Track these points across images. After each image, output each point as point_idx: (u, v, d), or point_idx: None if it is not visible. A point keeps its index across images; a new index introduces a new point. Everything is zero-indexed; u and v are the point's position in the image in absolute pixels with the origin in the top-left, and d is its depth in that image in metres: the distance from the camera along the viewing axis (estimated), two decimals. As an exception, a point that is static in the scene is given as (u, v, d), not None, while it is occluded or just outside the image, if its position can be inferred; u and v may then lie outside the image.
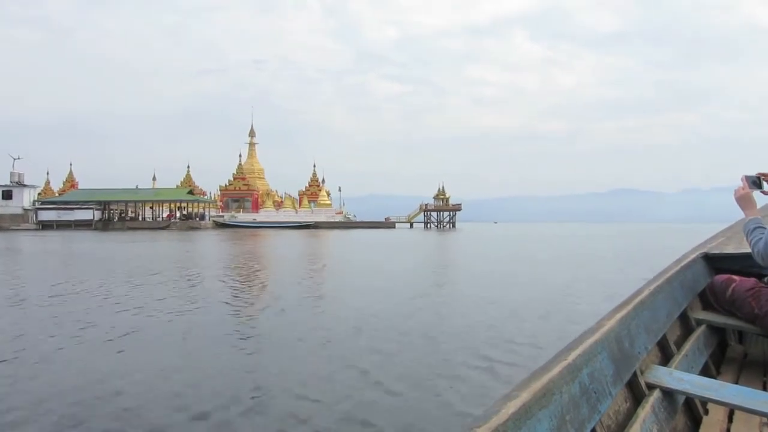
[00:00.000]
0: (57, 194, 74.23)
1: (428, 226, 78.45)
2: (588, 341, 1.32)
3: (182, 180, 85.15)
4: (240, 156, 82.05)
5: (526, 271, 13.92)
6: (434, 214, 79.98)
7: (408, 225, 79.47)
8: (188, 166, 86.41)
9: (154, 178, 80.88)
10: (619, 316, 1.57)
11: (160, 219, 67.12)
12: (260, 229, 64.17)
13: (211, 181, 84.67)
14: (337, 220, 75.61)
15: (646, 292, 1.85)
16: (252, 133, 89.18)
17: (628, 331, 1.57)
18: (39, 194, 72.51)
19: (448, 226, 79.21)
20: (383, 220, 79.82)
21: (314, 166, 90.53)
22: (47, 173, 77.17)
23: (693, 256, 2.60)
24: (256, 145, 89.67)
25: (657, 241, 32.31)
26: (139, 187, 74.40)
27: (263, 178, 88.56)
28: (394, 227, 74.62)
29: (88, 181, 79.09)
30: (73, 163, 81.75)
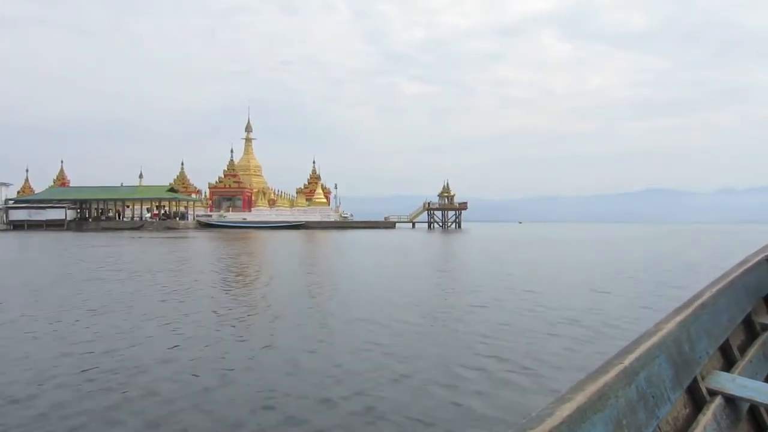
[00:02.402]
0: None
1: (431, 226, 72.61)
2: (646, 344, 1.28)
3: (175, 178, 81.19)
4: (232, 152, 77.06)
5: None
6: (438, 213, 74.15)
7: (410, 225, 73.71)
8: (182, 163, 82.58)
9: (140, 176, 76.83)
10: (678, 319, 1.50)
11: (138, 218, 62.73)
12: (245, 230, 59.63)
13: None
14: (332, 219, 70.35)
15: (707, 295, 1.74)
16: (249, 128, 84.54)
17: (688, 334, 1.51)
18: (18, 193, 69.28)
19: (453, 226, 73.37)
20: (383, 219, 74.14)
21: (314, 162, 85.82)
22: (26, 170, 73.90)
23: (757, 258, 2.36)
24: (252, 141, 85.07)
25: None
26: (123, 184, 70.30)
27: (260, 175, 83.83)
28: (394, 227, 69.01)
29: (101, 179, 73.69)
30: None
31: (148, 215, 64.97)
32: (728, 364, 1.81)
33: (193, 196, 76.79)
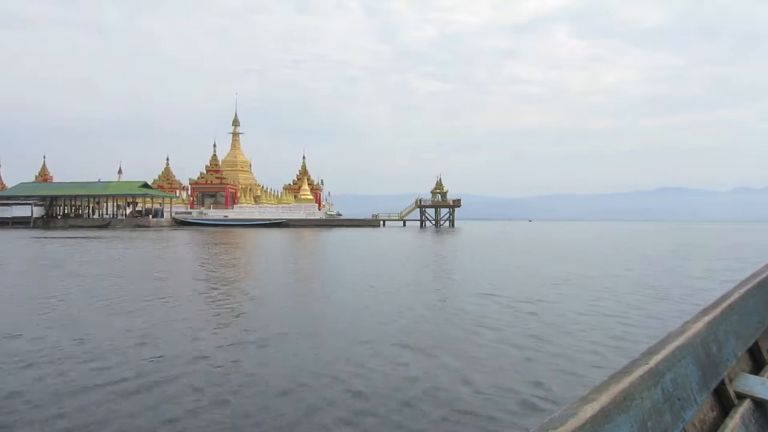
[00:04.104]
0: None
1: (423, 224, 68.59)
2: (672, 345, 1.26)
3: (160, 174, 78.22)
4: (215, 146, 73.55)
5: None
6: (431, 211, 70.15)
7: (401, 223, 69.82)
8: (167, 159, 79.48)
9: (119, 171, 73.75)
10: (705, 319, 1.47)
11: (112, 216, 59.71)
12: (223, 228, 56.32)
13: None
14: (317, 217, 66.72)
15: (735, 296, 1.70)
16: (236, 122, 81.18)
17: (716, 336, 1.48)
18: (-11, 189, 66.68)
19: (446, 224, 69.38)
20: (370, 217, 70.34)
21: (303, 158, 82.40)
22: (-1, 165, 71.17)
23: None
24: (240, 135, 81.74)
25: None
26: (100, 179, 67.27)
27: (247, 171, 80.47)
28: (381, 226, 65.23)
29: (102, 177, 69.32)
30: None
31: (122, 212, 61.92)
32: (757, 367, 1.76)
33: (178, 192, 73.81)
